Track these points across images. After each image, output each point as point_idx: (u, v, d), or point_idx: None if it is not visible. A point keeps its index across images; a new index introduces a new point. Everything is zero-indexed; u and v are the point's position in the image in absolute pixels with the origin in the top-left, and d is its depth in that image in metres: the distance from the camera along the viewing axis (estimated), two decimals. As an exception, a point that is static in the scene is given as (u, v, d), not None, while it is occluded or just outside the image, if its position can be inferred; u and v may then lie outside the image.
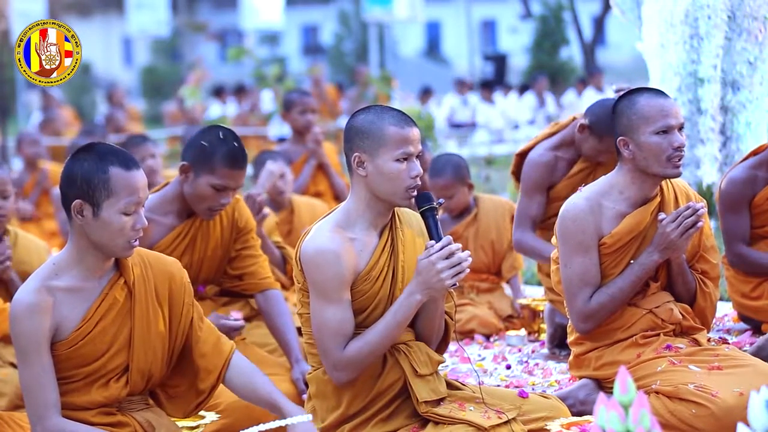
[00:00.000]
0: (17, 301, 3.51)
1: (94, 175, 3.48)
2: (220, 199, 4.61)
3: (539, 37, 26.03)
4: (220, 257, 4.86)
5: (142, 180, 3.54)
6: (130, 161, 3.54)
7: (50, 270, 3.57)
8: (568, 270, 4.27)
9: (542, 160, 5.50)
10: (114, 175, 3.48)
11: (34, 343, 3.49)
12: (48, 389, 3.49)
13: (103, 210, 3.48)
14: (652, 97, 4.21)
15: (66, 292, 3.54)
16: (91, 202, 3.49)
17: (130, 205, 3.50)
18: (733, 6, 7.91)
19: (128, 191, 3.49)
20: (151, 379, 3.69)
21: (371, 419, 3.80)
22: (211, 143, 4.59)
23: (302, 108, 7.85)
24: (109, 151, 3.54)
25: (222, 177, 4.57)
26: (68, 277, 3.56)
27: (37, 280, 3.54)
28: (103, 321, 3.58)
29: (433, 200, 3.76)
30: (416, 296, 3.69)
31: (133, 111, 21.12)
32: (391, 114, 3.76)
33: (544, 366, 5.33)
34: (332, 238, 3.72)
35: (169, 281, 3.71)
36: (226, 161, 4.56)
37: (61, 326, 3.53)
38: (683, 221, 4.16)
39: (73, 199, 3.50)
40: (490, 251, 6.28)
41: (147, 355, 3.64)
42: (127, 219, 3.50)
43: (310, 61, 33.17)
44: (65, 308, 3.53)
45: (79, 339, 3.55)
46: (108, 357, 3.60)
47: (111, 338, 3.59)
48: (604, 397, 2.47)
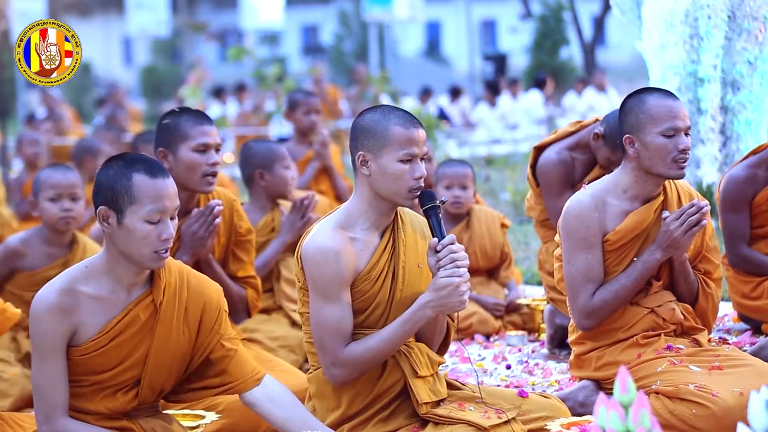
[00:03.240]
0: (39, 299, 3.47)
1: (117, 182, 3.45)
2: (207, 160, 4.61)
3: (539, 37, 26.02)
4: (219, 258, 4.85)
5: (168, 188, 3.47)
6: (157, 169, 3.48)
7: (81, 273, 3.52)
8: (571, 267, 4.27)
9: (559, 158, 5.47)
10: (138, 181, 3.44)
11: (51, 343, 3.45)
12: (58, 390, 3.47)
13: (126, 217, 3.44)
14: (662, 98, 4.22)
15: (91, 299, 3.49)
16: (115, 209, 3.45)
17: (154, 213, 3.43)
18: (733, 6, 7.92)
19: (151, 199, 3.43)
20: (162, 392, 3.66)
21: (371, 419, 3.80)
22: (172, 118, 4.67)
23: (307, 108, 7.87)
24: (137, 159, 3.50)
25: (197, 136, 4.60)
26: (97, 284, 3.51)
27: (64, 281, 3.49)
28: (120, 336, 3.52)
29: (436, 198, 3.76)
30: (427, 311, 3.69)
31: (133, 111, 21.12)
32: (397, 114, 3.76)
33: (544, 366, 5.33)
34: (333, 237, 3.72)
35: (203, 304, 3.63)
36: (193, 122, 4.63)
37: (79, 331, 3.49)
38: (687, 219, 4.17)
39: (99, 205, 3.47)
40: (483, 257, 6.30)
41: (161, 372, 3.60)
42: (151, 228, 3.43)
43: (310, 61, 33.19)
44: (87, 315, 3.49)
45: (92, 349, 3.51)
46: (119, 370, 3.55)
47: (126, 353, 3.54)
48: (604, 397, 2.47)
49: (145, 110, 28.08)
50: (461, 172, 6.27)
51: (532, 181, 5.62)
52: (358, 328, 3.77)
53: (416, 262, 3.80)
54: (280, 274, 5.77)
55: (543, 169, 5.51)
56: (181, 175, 4.61)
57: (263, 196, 5.84)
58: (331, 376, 3.77)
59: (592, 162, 5.47)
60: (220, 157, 4.68)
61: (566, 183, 5.46)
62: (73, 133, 15.72)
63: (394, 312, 3.77)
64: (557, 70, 24.78)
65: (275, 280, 5.77)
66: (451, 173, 6.25)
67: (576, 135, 5.53)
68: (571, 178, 5.47)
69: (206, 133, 4.63)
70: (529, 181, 5.65)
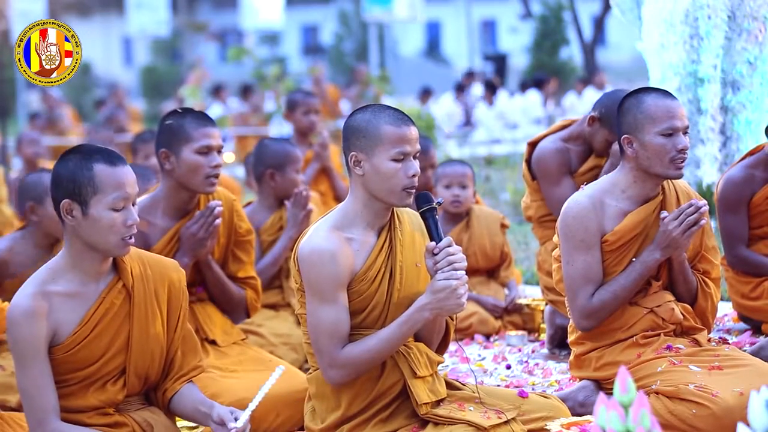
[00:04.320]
0: (14, 306, 3.50)
1: (79, 173, 3.49)
2: (209, 162, 4.62)
3: (539, 37, 26.03)
4: (219, 259, 4.85)
5: (129, 175, 3.54)
6: (115, 158, 3.54)
7: (46, 274, 3.56)
8: (570, 267, 4.27)
9: (555, 147, 5.49)
10: (99, 171, 3.49)
11: (32, 348, 3.48)
12: (47, 393, 3.49)
13: (91, 207, 3.48)
14: (660, 98, 4.22)
15: (63, 297, 3.53)
16: (79, 200, 3.49)
17: (118, 200, 3.49)
18: (733, 6, 7.92)
19: (114, 186, 3.49)
20: (147, 380, 3.69)
21: (371, 420, 3.79)
22: (175, 119, 4.67)
23: (306, 109, 7.89)
24: (94, 150, 3.55)
25: (200, 138, 4.61)
26: (65, 281, 3.55)
27: (33, 285, 3.53)
28: (100, 325, 3.57)
29: (432, 200, 3.74)
30: (425, 314, 3.68)
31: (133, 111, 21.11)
32: (387, 113, 3.74)
33: (544, 366, 5.33)
34: (329, 238, 3.71)
35: (168, 284, 3.70)
36: (196, 123, 4.63)
37: (58, 331, 3.53)
38: (685, 219, 4.17)
39: (62, 200, 3.50)
40: (483, 257, 6.30)
41: (145, 357, 3.64)
42: (116, 215, 3.49)
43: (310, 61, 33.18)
44: (62, 313, 3.53)
45: (75, 343, 3.54)
46: (105, 360, 3.59)
47: (108, 342, 3.59)
48: (604, 397, 2.47)
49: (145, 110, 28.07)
50: (460, 171, 6.28)
51: (528, 176, 5.62)
52: (356, 329, 3.76)
53: (413, 261, 3.79)
54: (289, 271, 5.78)
55: (539, 159, 5.53)
56: (183, 176, 4.61)
57: (271, 196, 5.87)
58: (328, 378, 3.76)
59: (587, 152, 5.49)
60: (221, 159, 4.69)
61: (564, 171, 5.47)
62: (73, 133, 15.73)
63: (392, 313, 3.76)
64: (557, 70, 24.79)
65: (284, 277, 5.80)
66: (450, 172, 6.26)
67: (568, 128, 5.56)
68: (568, 165, 5.48)
69: (209, 136, 4.63)
70: (525, 178, 5.66)
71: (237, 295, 4.84)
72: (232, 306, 4.86)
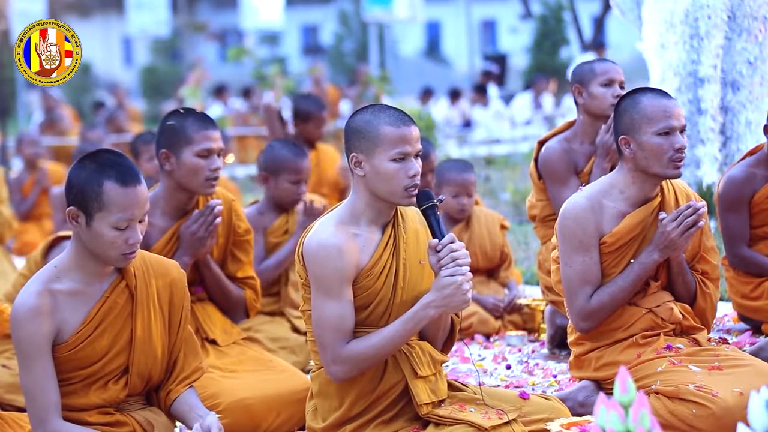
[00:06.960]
0: (18, 304, 3.50)
1: (88, 186, 3.47)
2: (210, 165, 4.62)
3: (539, 37, 26.04)
4: (218, 259, 4.85)
5: (138, 196, 3.48)
6: (128, 176, 3.48)
7: (51, 273, 3.56)
8: (568, 269, 4.27)
9: (561, 147, 5.50)
10: (108, 189, 3.45)
11: (36, 346, 3.48)
12: (49, 392, 3.49)
13: (95, 221, 3.47)
14: (656, 98, 4.21)
15: (67, 296, 3.54)
16: (84, 211, 3.48)
17: (122, 221, 3.46)
18: (733, 6, 7.92)
19: (120, 207, 3.45)
20: (150, 380, 3.69)
21: (373, 420, 3.78)
22: (176, 120, 4.66)
23: (319, 122, 7.83)
24: (110, 163, 3.50)
25: (201, 141, 4.61)
26: (69, 280, 3.55)
27: (38, 283, 3.53)
28: (103, 324, 3.58)
29: (433, 198, 3.74)
30: (430, 311, 3.68)
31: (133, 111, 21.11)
32: (387, 113, 3.74)
33: (544, 366, 5.33)
34: (335, 233, 3.71)
35: (170, 284, 3.71)
36: (198, 126, 4.63)
37: (61, 329, 3.54)
38: (684, 220, 4.17)
39: (70, 205, 3.51)
40: (484, 257, 6.30)
41: (147, 357, 3.64)
42: (118, 233, 3.47)
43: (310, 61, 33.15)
44: (66, 311, 3.53)
45: (78, 342, 3.55)
46: (107, 359, 3.60)
47: (111, 341, 3.59)
48: (604, 397, 2.47)
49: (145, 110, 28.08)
50: (468, 179, 6.25)
51: (535, 175, 5.62)
52: (360, 326, 3.76)
53: (417, 258, 3.79)
54: (288, 278, 5.77)
55: (545, 160, 5.53)
56: (183, 177, 4.62)
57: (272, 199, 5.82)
58: (331, 374, 3.75)
59: (592, 152, 5.49)
60: (222, 161, 4.68)
61: (570, 170, 5.48)
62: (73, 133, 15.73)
63: (397, 310, 3.76)
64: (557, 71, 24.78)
65: (283, 284, 5.77)
66: (459, 181, 6.21)
67: (572, 128, 5.56)
68: (574, 165, 5.49)
69: (210, 138, 4.63)
70: (532, 177, 5.66)
71: (236, 294, 4.84)
72: (232, 306, 4.86)
